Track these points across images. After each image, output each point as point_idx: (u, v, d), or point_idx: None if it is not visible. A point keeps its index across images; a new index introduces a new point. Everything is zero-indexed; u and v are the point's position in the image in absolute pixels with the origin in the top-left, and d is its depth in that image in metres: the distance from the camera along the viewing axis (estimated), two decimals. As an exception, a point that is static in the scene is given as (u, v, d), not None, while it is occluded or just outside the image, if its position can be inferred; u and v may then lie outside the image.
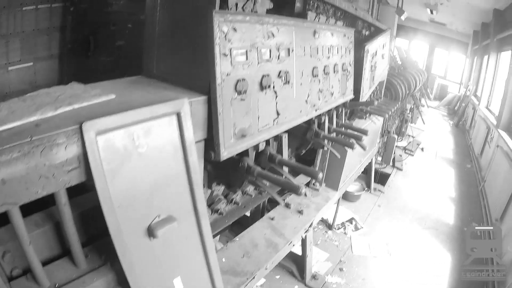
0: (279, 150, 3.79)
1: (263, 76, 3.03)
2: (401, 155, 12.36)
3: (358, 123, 6.68)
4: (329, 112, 5.02)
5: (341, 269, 6.91)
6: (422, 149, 14.03)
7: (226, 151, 2.79)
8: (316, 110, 4.16)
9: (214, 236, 3.76)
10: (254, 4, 3.20)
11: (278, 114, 3.31)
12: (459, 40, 23.44)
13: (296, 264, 6.53)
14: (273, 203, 5.52)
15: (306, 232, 5.23)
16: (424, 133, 15.55)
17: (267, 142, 3.55)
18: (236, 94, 2.79)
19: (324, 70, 4.24)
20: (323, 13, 4.54)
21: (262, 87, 3.05)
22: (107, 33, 5.15)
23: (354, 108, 5.97)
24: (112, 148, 2.02)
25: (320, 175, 3.30)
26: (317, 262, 7.01)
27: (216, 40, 2.63)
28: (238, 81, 2.76)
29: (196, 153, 2.53)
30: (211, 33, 2.60)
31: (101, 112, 2.00)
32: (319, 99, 4.21)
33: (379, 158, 10.92)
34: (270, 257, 4.08)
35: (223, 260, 3.87)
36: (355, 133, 5.04)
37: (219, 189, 3.92)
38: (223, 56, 2.68)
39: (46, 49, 4.69)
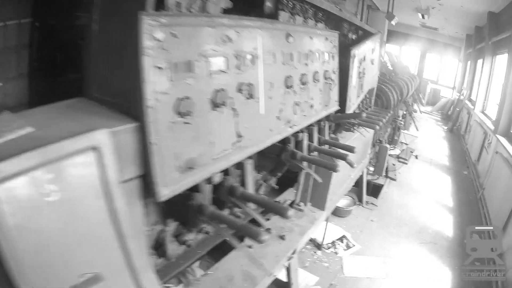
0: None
1: (216, 92, 2.42)
2: (394, 164, 11.78)
3: (345, 136, 6.06)
4: (309, 128, 4.41)
5: (331, 294, 6.13)
6: (416, 156, 13.43)
7: (168, 189, 2.20)
8: (291, 127, 3.57)
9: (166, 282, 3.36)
10: (205, 3, 2.54)
11: (239, 136, 2.71)
12: (451, 45, 23.16)
13: (282, 292, 5.82)
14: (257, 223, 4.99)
15: (289, 260, 4.59)
16: (417, 140, 14.92)
17: (227, 171, 2.90)
18: (178, 116, 2.19)
19: (301, 79, 3.63)
20: (300, 14, 3.98)
21: (215, 105, 2.44)
22: (75, 48, 4.53)
23: (340, 121, 5.28)
24: (15, 199, 1.58)
25: (290, 213, 2.70)
26: (305, 287, 6.38)
27: (146, 51, 2.00)
28: (179, 100, 2.17)
29: (131, 193, 2.11)
30: (138, 41, 1.97)
31: (6, 153, 1.57)
32: (295, 113, 3.60)
33: (371, 168, 10.21)
34: (247, 292, 3.46)
35: (195, 299, 3.35)
36: (340, 151, 4.38)
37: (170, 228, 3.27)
38: (156, 70, 2.06)
39: (15, 68, 4.38)
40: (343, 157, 4.28)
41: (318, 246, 7.45)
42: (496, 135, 10.42)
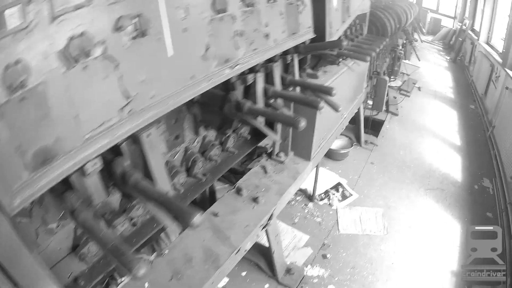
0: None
1: (69, 40, 1.51)
2: (395, 97, 10.60)
3: (330, 71, 4.90)
4: (266, 67, 3.34)
5: (324, 256, 5.29)
6: (419, 88, 12.18)
7: (19, 199, 1.43)
8: (231, 67, 2.59)
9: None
10: None
11: (128, 97, 1.81)
12: None
13: (265, 258, 4.93)
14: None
15: (264, 228, 3.77)
16: (419, 70, 13.72)
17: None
18: (9, 93, 1.34)
19: (244, 0, 2.63)
20: None
21: (70, 61, 1.53)
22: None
23: (314, 52, 4.00)
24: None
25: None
26: (293, 248, 5.41)
27: None
28: (6, 68, 1.31)
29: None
30: None
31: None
32: (237, 48, 2.63)
33: (370, 102, 8.98)
34: (207, 275, 2.95)
35: (146, 286, 2.78)
36: (310, 99, 3.25)
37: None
38: None
39: None
40: (315, 105, 3.09)
41: (310, 197, 6.39)
42: (505, 68, 9.15)
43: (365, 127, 8.38)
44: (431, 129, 9.53)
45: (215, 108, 2.98)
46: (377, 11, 8.15)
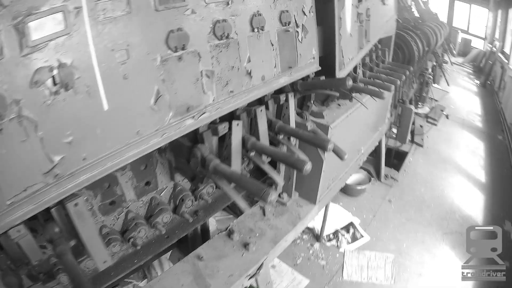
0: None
1: None
2: (422, 126, 9.69)
3: (343, 105, 4.21)
4: (249, 111, 2.70)
5: (321, 306, 4.47)
6: (447, 116, 11.18)
7: None
8: (194, 117, 2.08)
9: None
10: None
11: (53, 162, 1.50)
12: None
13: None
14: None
15: (250, 278, 3.22)
16: (448, 96, 12.69)
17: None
18: None
19: (214, 31, 2.10)
20: None
21: None
22: None
23: (313, 91, 3.19)
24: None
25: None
26: None
27: None
28: None
29: None
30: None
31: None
32: (204, 92, 2.10)
33: (395, 130, 7.94)
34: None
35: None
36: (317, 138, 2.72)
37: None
38: None
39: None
40: (322, 146, 2.60)
41: (317, 237, 5.69)
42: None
43: (387, 159, 7.59)
44: (456, 163, 8.64)
45: (182, 159, 2.44)
46: (404, 33, 7.22)
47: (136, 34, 1.65)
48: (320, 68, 3.13)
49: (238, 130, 2.51)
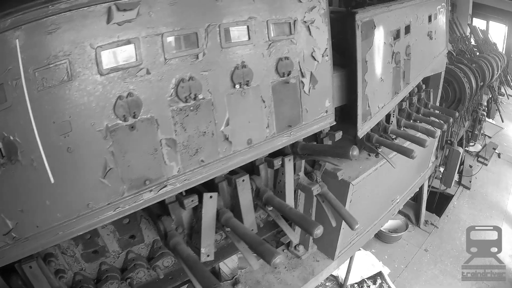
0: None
1: None
2: (471, 166, 8.67)
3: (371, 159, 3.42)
4: (230, 180, 2.24)
5: None
6: (499, 155, 9.90)
7: None
8: (154, 190, 1.73)
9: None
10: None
11: (8, 227, 1.46)
12: None
13: None
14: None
15: None
16: (502, 132, 11.42)
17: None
18: None
19: (177, 93, 1.67)
20: None
21: None
22: None
23: (314, 157, 2.48)
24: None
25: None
26: None
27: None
28: None
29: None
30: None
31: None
32: (165, 163, 1.73)
33: (442, 170, 6.91)
34: None
35: None
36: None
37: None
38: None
39: None
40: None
41: (340, 285, 5.07)
42: None
43: (430, 203, 6.74)
44: (503, 209, 7.59)
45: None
46: (456, 68, 6.31)
47: (78, 103, 1.43)
48: (335, 122, 2.45)
49: (211, 204, 2.01)
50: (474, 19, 16.65)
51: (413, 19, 3.48)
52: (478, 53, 9.84)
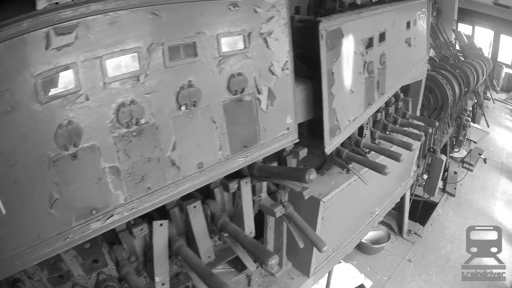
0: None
1: None
2: (456, 173, 8.63)
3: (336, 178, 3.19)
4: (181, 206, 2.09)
5: None
6: (484, 160, 9.91)
7: None
8: (101, 220, 1.65)
9: None
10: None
11: None
12: None
13: None
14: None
15: None
16: (488, 137, 11.41)
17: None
18: None
19: (118, 119, 1.59)
20: None
21: None
22: None
23: (272, 180, 2.33)
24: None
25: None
26: None
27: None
28: None
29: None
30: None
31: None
32: (111, 191, 1.65)
33: (425, 177, 6.83)
34: None
35: None
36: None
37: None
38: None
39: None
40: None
41: None
42: None
43: (413, 211, 6.66)
44: (490, 215, 7.54)
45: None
46: (438, 75, 6.22)
47: (21, 134, 1.38)
48: (298, 140, 2.31)
49: (161, 232, 1.89)
50: (459, 24, 16.71)
51: (389, 26, 3.36)
52: (463, 59, 9.81)
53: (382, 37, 3.22)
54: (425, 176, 6.83)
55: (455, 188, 8.08)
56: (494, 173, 9.46)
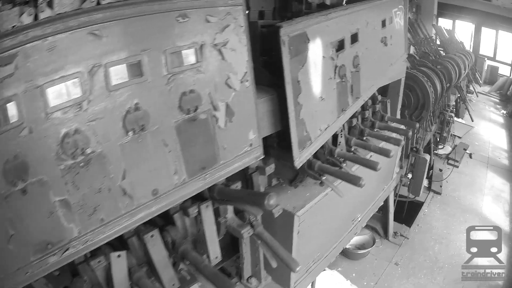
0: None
1: None
2: (441, 170, 8.56)
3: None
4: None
5: None
6: (470, 155, 9.90)
7: None
8: (57, 254, 1.58)
9: None
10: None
11: None
12: (507, 17, 17.82)
13: None
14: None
15: None
16: (473, 131, 11.46)
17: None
18: None
19: (63, 150, 1.47)
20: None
21: None
22: None
23: (234, 204, 2.23)
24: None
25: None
26: None
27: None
28: None
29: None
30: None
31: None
32: (64, 225, 1.56)
33: (410, 176, 6.82)
34: None
35: None
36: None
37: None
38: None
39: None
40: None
41: None
42: None
43: (399, 212, 6.54)
44: (478, 211, 7.46)
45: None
46: (419, 73, 6.14)
47: None
48: (263, 156, 2.20)
49: (119, 264, 1.80)
50: (440, 19, 16.75)
51: (362, 26, 3.24)
52: (444, 54, 9.80)
53: (354, 38, 3.11)
54: (410, 175, 6.76)
55: (441, 186, 8.00)
56: (480, 168, 9.43)
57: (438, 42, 11.50)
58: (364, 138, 3.59)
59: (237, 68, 1.95)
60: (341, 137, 3.18)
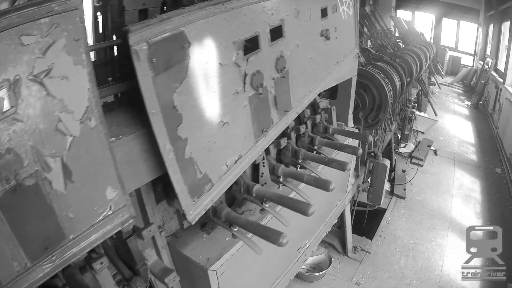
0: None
1: None
2: (404, 171, 8.21)
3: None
4: None
5: None
6: (435, 152, 9.58)
7: None
8: None
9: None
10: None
11: None
12: (468, 8, 17.69)
13: None
14: None
15: None
16: (436, 125, 11.21)
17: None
18: None
19: None
20: None
21: None
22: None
23: None
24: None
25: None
26: None
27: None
28: None
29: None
30: None
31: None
32: None
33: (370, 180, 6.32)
34: None
35: None
36: None
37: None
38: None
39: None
40: None
41: None
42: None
43: (358, 223, 6.15)
44: (447, 216, 7.06)
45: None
46: (374, 69, 5.68)
47: None
48: (134, 216, 1.66)
49: None
50: (398, 11, 16.70)
51: (289, 16, 2.67)
52: (403, 46, 9.53)
53: (276, 33, 2.54)
54: (370, 180, 6.33)
55: (404, 189, 7.63)
56: (447, 165, 9.13)
57: (397, 35, 11.26)
58: (299, 160, 3.05)
59: (72, 104, 1.41)
60: (264, 166, 2.63)
